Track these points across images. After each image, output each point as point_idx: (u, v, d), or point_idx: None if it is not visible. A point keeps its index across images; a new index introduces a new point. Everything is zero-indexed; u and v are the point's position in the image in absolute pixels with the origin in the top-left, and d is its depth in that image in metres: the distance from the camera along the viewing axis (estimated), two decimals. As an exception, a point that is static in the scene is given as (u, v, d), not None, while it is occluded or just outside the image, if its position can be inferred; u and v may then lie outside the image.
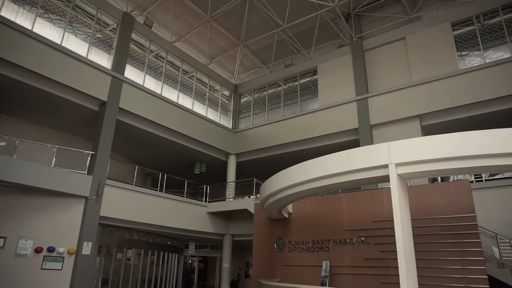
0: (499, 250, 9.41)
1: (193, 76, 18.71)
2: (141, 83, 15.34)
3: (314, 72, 17.89)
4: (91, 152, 12.71)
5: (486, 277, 7.08)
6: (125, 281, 14.58)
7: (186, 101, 17.78)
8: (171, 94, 17.03)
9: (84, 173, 12.25)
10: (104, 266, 13.93)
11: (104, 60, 14.15)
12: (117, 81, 13.89)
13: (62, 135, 15.33)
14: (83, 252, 11.49)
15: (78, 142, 15.24)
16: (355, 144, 13.65)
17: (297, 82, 18.47)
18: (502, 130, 5.17)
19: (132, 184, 14.07)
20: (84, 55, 13.25)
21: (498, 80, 12.06)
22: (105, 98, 13.33)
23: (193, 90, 18.43)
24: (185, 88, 18.13)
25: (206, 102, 19.06)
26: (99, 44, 14.29)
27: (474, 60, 13.36)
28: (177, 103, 16.81)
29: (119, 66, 14.23)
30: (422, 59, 14.17)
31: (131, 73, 15.27)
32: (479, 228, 7.86)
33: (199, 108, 18.50)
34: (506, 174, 11.39)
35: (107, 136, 13.09)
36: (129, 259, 14.98)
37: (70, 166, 11.95)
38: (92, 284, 12.72)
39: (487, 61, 12.86)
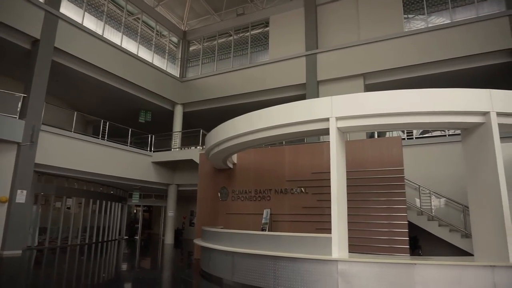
0: (420, 200, 10.52)
1: (139, 19, 17.48)
2: (80, 22, 14.05)
3: (266, 23, 17.54)
4: (22, 95, 11.70)
5: (406, 222, 7.96)
6: (65, 229, 14.28)
7: (130, 46, 16.72)
8: (114, 36, 15.85)
9: (16, 117, 11.34)
10: (42, 215, 13.47)
11: (35, -9, 12.64)
12: (52, 16, 12.58)
13: (-11, 75, 13.88)
14: (17, 201, 10.95)
15: (8, 83, 13.87)
16: (302, 98, 13.72)
17: (248, 33, 18.05)
18: (433, 90, 5.56)
19: (71, 131, 13.34)
20: (11, -16, 11.72)
21: (439, 43, 12.72)
22: (37, 35, 12.08)
23: (139, 34, 17.31)
24: (129, 31, 16.95)
25: (152, 47, 18.07)
26: (29, -27, 12.66)
27: (418, 23, 13.87)
28: (120, 46, 15.74)
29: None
30: (371, 19, 14.43)
31: (68, 9, 13.87)
32: (405, 180, 8.67)
33: (145, 54, 17.53)
34: (434, 133, 12.43)
35: (41, 78, 12.06)
36: (69, 208, 14.59)
37: (-2, 109, 10.97)
38: (28, 232, 12.31)
39: (430, 25, 13.43)
